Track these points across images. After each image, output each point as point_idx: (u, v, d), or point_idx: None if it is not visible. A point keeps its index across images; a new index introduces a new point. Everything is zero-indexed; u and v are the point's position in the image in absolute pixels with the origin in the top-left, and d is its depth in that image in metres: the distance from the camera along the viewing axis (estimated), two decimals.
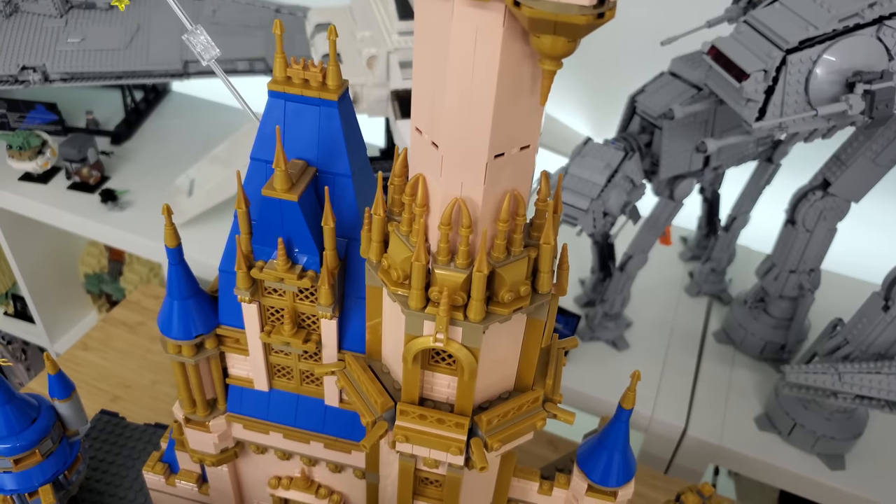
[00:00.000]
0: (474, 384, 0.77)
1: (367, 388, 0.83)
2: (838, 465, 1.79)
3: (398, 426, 0.81)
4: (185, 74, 2.29)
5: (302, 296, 0.87)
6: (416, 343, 0.75)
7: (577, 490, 0.98)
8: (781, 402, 1.83)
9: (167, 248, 0.86)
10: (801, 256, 1.85)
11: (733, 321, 2.06)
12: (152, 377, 1.82)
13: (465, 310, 0.72)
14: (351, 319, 0.90)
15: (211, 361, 0.96)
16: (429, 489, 0.94)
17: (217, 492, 1.14)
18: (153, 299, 2.01)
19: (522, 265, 0.72)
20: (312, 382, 0.97)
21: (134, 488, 1.28)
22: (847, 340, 1.73)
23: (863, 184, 1.72)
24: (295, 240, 0.82)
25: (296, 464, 1.07)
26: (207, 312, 0.92)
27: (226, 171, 2.22)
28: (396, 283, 0.74)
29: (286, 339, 0.89)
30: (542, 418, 0.84)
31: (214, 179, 2.23)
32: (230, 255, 0.90)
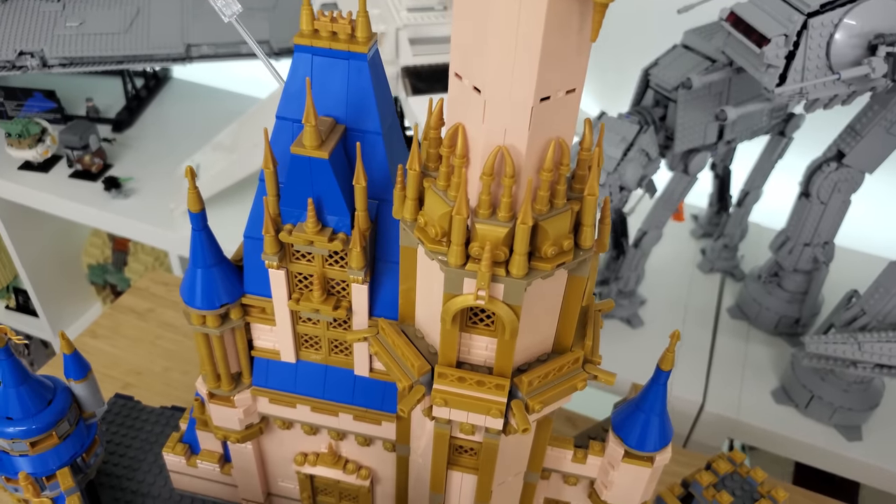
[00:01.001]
0: (514, 344, 0.75)
1: (402, 353, 0.81)
2: (855, 435, 1.78)
3: (436, 389, 0.78)
4: (188, 58, 2.25)
5: (332, 260, 0.85)
6: (455, 302, 0.73)
7: (613, 457, 0.96)
8: (798, 374, 1.82)
9: (190, 212, 0.84)
10: (815, 229, 1.84)
11: (747, 296, 2.04)
12: (164, 363, 1.79)
13: (507, 265, 0.70)
14: (382, 285, 0.87)
15: (236, 333, 0.94)
16: (463, 458, 0.92)
17: (241, 471, 1.11)
18: (162, 286, 1.99)
19: (566, 218, 0.70)
20: (341, 352, 0.94)
21: (153, 471, 1.26)
22: (864, 311, 1.71)
23: (877, 154, 1.70)
24: (325, 201, 0.80)
25: (323, 439, 1.05)
26: (233, 281, 0.89)
27: (231, 157, 2.19)
28: (434, 241, 0.71)
29: (315, 305, 0.86)
30: (583, 379, 0.81)
31: (220, 164, 2.20)
32: (256, 221, 0.87)
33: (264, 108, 2.21)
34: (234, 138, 2.22)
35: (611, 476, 0.98)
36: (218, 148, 2.23)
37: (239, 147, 2.19)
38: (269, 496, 1.18)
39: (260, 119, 2.21)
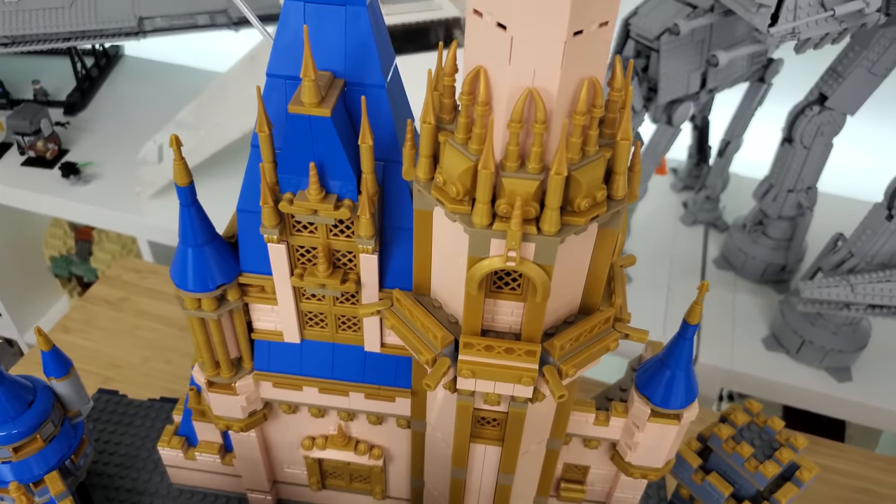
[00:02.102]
0: (545, 307, 0.70)
1: (422, 324, 0.75)
2: (845, 377, 1.80)
3: (462, 361, 0.73)
4: (141, 33, 2.13)
5: (337, 230, 0.78)
6: (481, 266, 0.67)
7: (639, 417, 0.92)
8: (788, 320, 1.82)
9: (177, 186, 0.77)
10: (798, 174, 1.83)
11: (732, 246, 2.03)
12: (143, 354, 1.71)
13: (538, 222, 0.64)
14: (392, 254, 0.81)
15: (234, 315, 0.87)
16: (486, 430, 0.88)
17: (244, 460, 1.05)
18: (134, 273, 1.89)
19: (599, 167, 0.65)
20: (349, 328, 0.89)
21: (147, 467, 1.19)
22: (852, 253, 1.71)
23: (859, 95, 1.69)
24: (328, 164, 0.73)
25: (331, 420, 1.00)
26: (227, 259, 0.83)
27: (196, 135, 2.09)
28: (456, 201, 0.66)
29: (321, 280, 0.80)
30: (615, 339, 0.77)
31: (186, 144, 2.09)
32: (249, 192, 0.80)
33: (226, 83, 2.11)
34: (197, 116, 2.11)
35: (636, 437, 0.94)
36: (180, 127, 2.12)
37: (203, 124, 2.09)
38: (275, 484, 1.12)
39: (223, 94, 2.11)
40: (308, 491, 1.12)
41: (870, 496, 1.55)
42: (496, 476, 0.93)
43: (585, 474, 1.08)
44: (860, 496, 1.53)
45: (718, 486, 1.08)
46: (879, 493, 1.55)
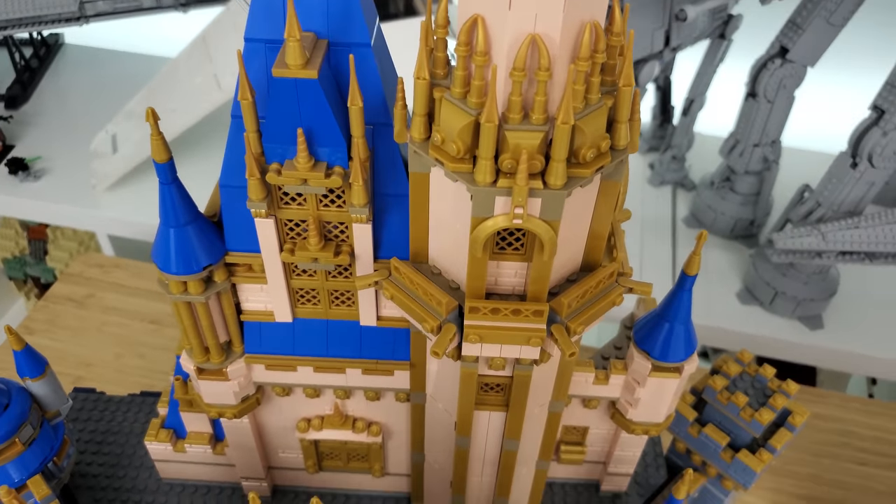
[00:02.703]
0: (551, 265, 0.69)
1: (423, 292, 0.73)
2: (817, 325, 1.84)
3: (469, 325, 0.71)
4: (83, 18, 2.03)
5: (327, 200, 0.75)
6: (486, 227, 0.65)
7: (639, 372, 0.92)
8: (761, 273, 1.85)
9: (156, 163, 0.72)
10: (763, 128, 1.85)
11: (701, 204, 2.05)
12: (114, 350, 1.65)
13: (543, 176, 0.62)
14: (384, 222, 0.78)
15: (222, 297, 0.83)
16: (489, 396, 0.86)
17: (238, 448, 1.02)
18: (97, 268, 1.82)
19: (602, 115, 0.63)
20: (343, 303, 0.86)
21: (134, 464, 1.15)
22: (819, 203, 1.74)
23: (818, 46, 1.71)
24: (316, 130, 0.70)
25: (326, 400, 0.97)
26: (212, 239, 0.79)
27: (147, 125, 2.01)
28: (456, 159, 0.63)
29: (313, 254, 0.77)
30: (620, 294, 0.76)
31: (139, 132, 2.02)
32: (232, 166, 0.76)
33: (178, 67, 2.03)
34: (149, 103, 2.03)
35: (637, 393, 0.94)
36: (132, 116, 2.04)
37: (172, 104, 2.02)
38: (270, 470, 1.09)
39: (175, 79, 2.03)
40: (304, 475, 1.10)
41: (850, 437, 1.59)
42: (500, 442, 0.91)
43: (585, 435, 1.08)
44: (842, 438, 1.57)
45: (715, 437, 1.08)
46: (859, 434, 1.59)
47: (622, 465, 1.09)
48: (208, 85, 1.96)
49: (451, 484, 0.99)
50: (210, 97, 1.94)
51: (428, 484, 1.06)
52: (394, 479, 1.10)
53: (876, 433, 1.60)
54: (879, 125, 1.58)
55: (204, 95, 1.96)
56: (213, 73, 1.98)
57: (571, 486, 1.15)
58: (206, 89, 1.95)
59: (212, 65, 1.99)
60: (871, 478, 1.52)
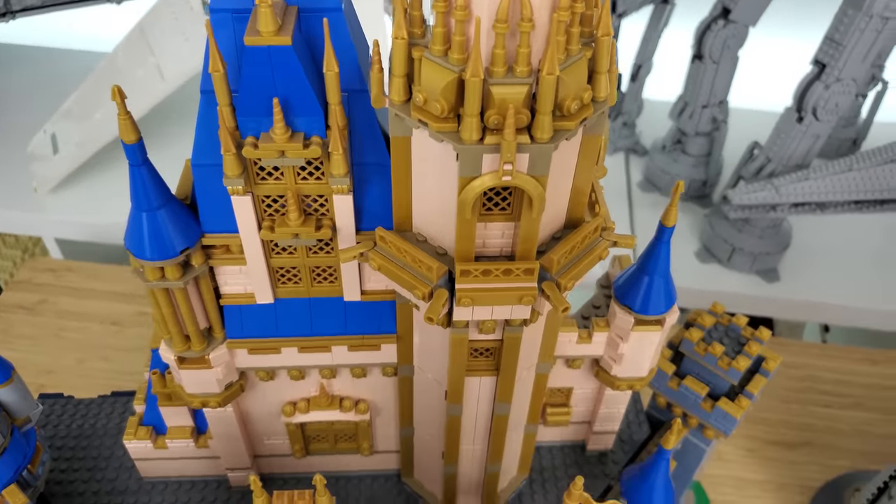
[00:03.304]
0: (539, 222, 0.69)
1: (412, 259, 0.72)
2: (774, 277, 1.89)
3: (460, 289, 0.71)
4: (8, 13, 1.94)
5: (305, 173, 0.74)
6: (474, 187, 0.65)
7: (622, 328, 0.93)
8: (717, 231, 1.89)
9: (125, 144, 0.69)
10: (710, 89, 1.89)
11: (654, 168, 2.08)
12: (75, 355, 1.60)
13: (530, 130, 0.62)
14: (364, 193, 0.77)
15: (200, 282, 0.81)
16: (479, 362, 0.86)
17: (222, 438, 1.00)
18: (48, 273, 1.75)
19: (583, 66, 0.63)
20: (325, 280, 0.84)
21: (111, 466, 1.11)
22: (769, 158, 1.79)
23: (759, 5, 1.75)
24: (291, 100, 0.68)
25: (311, 381, 0.95)
26: (187, 221, 0.76)
27: (91, 121, 1.94)
28: (440, 119, 0.62)
29: (294, 229, 0.75)
30: (605, 248, 0.77)
31: (79, 133, 1.94)
32: (204, 144, 0.74)
33: (116, 61, 1.96)
34: (88, 101, 1.96)
35: (620, 349, 0.95)
36: (70, 115, 1.96)
37: (98, 108, 1.95)
38: (255, 459, 1.07)
39: (114, 74, 1.96)
40: (291, 460, 1.08)
41: (813, 381, 1.65)
42: (491, 408, 0.92)
43: (569, 396, 1.09)
44: (806, 383, 1.63)
45: (695, 388, 1.11)
46: (821, 378, 1.66)
47: (607, 423, 1.11)
48: (151, 77, 1.90)
49: (443, 454, 0.99)
50: (154, 89, 1.88)
51: (418, 458, 1.06)
52: (382, 456, 1.09)
53: (836, 376, 1.67)
54: (821, 79, 1.63)
55: (147, 88, 1.90)
56: (155, 65, 1.92)
57: (558, 448, 1.17)
58: (150, 81, 1.89)
59: (153, 56, 1.93)
60: (835, 419, 1.58)
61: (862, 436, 1.55)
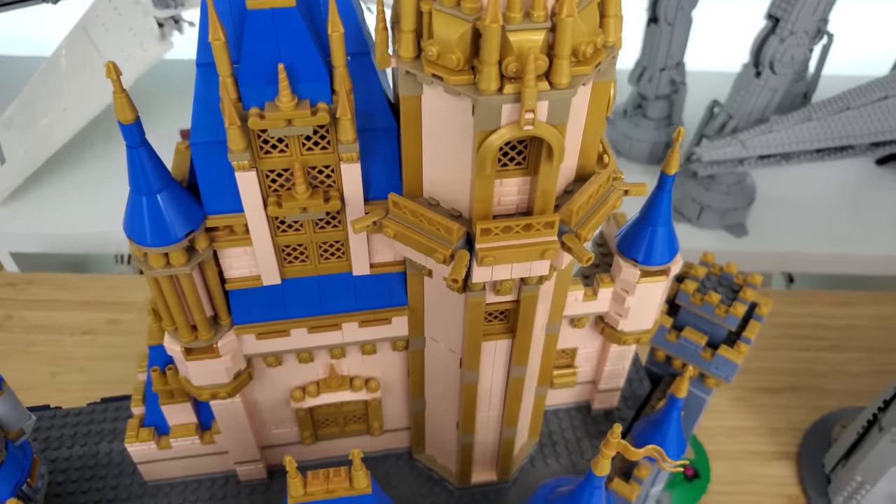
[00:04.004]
0: (558, 173, 0.68)
1: (430, 222, 0.71)
2: (742, 232, 1.94)
3: (482, 248, 0.70)
4: None
5: (310, 143, 0.71)
6: (494, 139, 0.63)
7: (628, 281, 0.94)
8: (686, 191, 1.92)
9: (121, 124, 0.66)
10: (667, 52, 1.91)
11: (617, 134, 2.11)
12: (49, 370, 1.53)
13: (548, 77, 0.61)
14: (368, 161, 0.75)
15: (205, 266, 0.78)
16: (493, 326, 0.85)
17: (231, 430, 0.97)
18: (9, 288, 1.67)
19: (594, 9, 0.62)
20: (333, 255, 0.82)
21: (111, 474, 1.07)
22: (730, 115, 1.83)
23: None
24: (296, 65, 0.65)
25: (319, 364, 0.93)
26: (189, 203, 0.73)
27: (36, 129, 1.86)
28: (456, 72, 0.61)
29: (302, 203, 0.73)
30: (618, 198, 0.77)
31: (26, 142, 1.86)
32: (202, 121, 0.71)
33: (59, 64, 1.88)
34: (31, 107, 1.87)
35: (626, 303, 0.96)
36: (11, 125, 1.88)
37: (45, 115, 1.87)
38: (263, 450, 1.05)
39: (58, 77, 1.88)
40: (300, 448, 1.06)
41: (789, 328, 1.69)
42: (506, 372, 0.91)
43: (574, 357, 1.09)
44: (783, 330, 1.67)
45: (694, 338, 1.12)
46: (796, 324, 1.70)
47: (612, 381, 1.11)
48: (101, 76, 1.82)
49: (458, 424, 0.98)
50: (105, 88, 1.80)
51: (430, 432, 1.05)
52: (392, 435, 1.08)
53: (811, 320, 1.72)
54: (776, 33, 1.66)
55: (98, 88, 1.83)
56: (103, 63, 1.84)
57: (564, 411, 1.17)
58: (100, 81, 1.82)
59: (100, 55, 1.86)
60: (815, 361, 1.63)
61: (841, 376, 1.60)
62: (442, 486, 1.08)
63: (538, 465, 1.11)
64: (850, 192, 2.05)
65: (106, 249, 2.02)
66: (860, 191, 2.04)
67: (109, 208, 1.84)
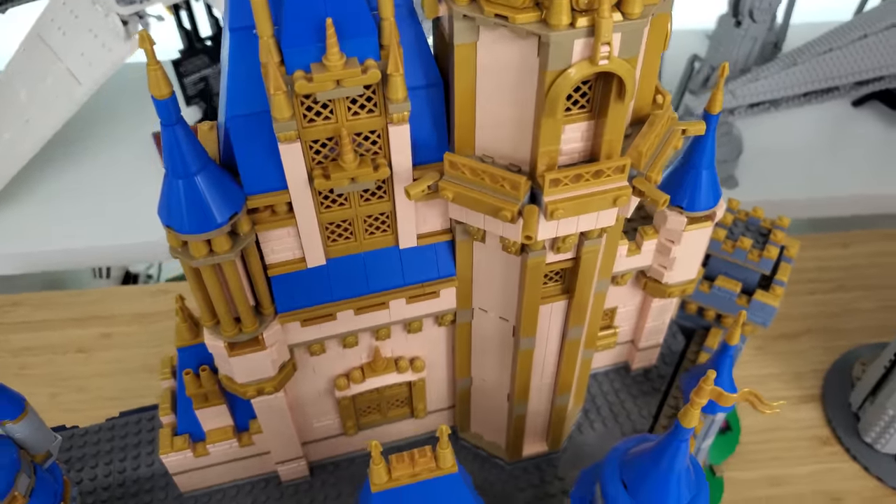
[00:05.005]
0: (627, 112, 0.64)
1: (493, 178, 0.66)
2: (733, 184, 1.94)
3: (550, 201, 0.66)
4: None
5: (356, 107, 0.66)
6: (567, 78, 0.59)
7: (674, 230, 0.91)
8: None
9: (156, 100, 0.60)
10: None
11: None
12: (47, 391, 1.45)
13: (620, 6, 0.57)
14: (415, 123, 0.70)
15: (247, 252, 0.72)
16: (548, 288, 0.82)
17: (272, 428, 0.91)
18: None
19: None
20: (378, 230, 0.77)
21: (143, 489, 1.01)
22: (713, 67, 1.82)
23: None
24: (342, 20, 0.60)
25: (364, 347, 0.88)
26: (228, 184, 0.67)
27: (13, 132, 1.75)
28: (522, 9, 0.57)
29: (350, 173, 0.68)
30: (679, 138, 0.73)
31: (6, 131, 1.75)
32: (238, 92, 0.65)
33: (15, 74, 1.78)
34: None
35: (672, 253, 0.93)
36: None
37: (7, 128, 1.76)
38: (304, 446, 1.00)
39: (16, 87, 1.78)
40: (343, 441, 1.01)
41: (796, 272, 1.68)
42: (560, 335, 0.88)
43: (613, 317, 1.07)
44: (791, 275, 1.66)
45: (728, 286, 1.10)
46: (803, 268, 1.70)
47: (653, 337, 1.09)
48: (64, 83, 1.73)
49: (509, 396, 0.94)
50: (71, 95, 1.72)
51: (476, 409, 1.01)
52: (434, 416, 1.04)
53: (814, 263, 1.73)
54: None
55: (62, 96, 1.73)
56: (65, 69, 1.75)
57: (603, 374, 1.14)
58: (64, 88, 1.72)
59: (61, 61, 1.76)
60: (824, 303, 1.64)
61: (852, 314, 1.61)
62: (491, 462, 1.04)
63: (585, 432, 1.08)
64: (832, 135, 2.06)
65: (83, 264, 1.93)
66: (841, 134, 2.06)
67: (82, 222, 1.76)
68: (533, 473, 1.03)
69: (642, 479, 0.74)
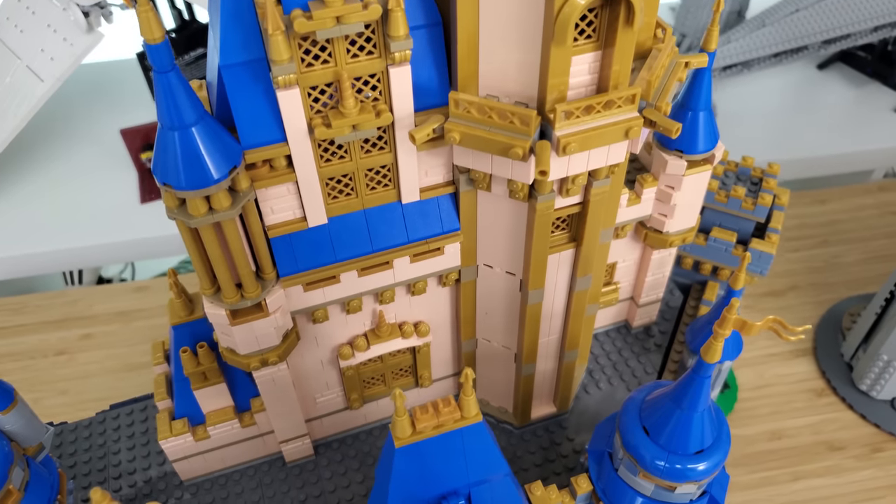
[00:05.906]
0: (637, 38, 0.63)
1: (502, 115, 0.64)
2: None
3: (563, 134, 0.64)
4: None
5: (355, 48, 0.64)
6: (575, 4, 0.58)
7: (674, 175, 0.90)
8: None
9: (148, 45, 0.56)
10: None
11: None
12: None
13: None
14: (414, 66, 0.68)
15: (247, 211, 0.69)
16: (555, 237, 0.80)
17: (276, 404, 0.88)
18: None
19: None
20: (379, 185, 0.75)
21: (139, 480, 0.96)
22: (684, 35, 1.83)
23: None
24: None
25: (367, 312, 0.86)
26: (225, 137, 0.64)
27: None
28: None
29: (352, 120, 0.65)
30: (683, 70, 0.72)
31: None
32: (232, 38, 0.62)
33: None
34: None
35: (673, 199, 0.92)
36: None
37: None
38: (308, 423, 0.96)
39: None
40: (347, 415, 0.98)
41: None
42: (567, 287, 0.86)
43: (613, 273, 1.05)
44: None
45: (723, 237, 1.10)
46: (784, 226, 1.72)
47: (653, 292, 1.08)
48: (25, 81, 1.67)
49: (516, 357, 0.93)
50: (33, 93, 1.65)
51: (482, 374, 0.99)
52: (438, 385, 1.01)
53: (794, 221, 1.74)
54: None
55: (24, 94, 1.67)
56: (24, 67, 1.68)
57: (603, 333, 1.13)
58: (25, 86, 1.66)
59: (19, 59, 1.69)
60: (807, 259, 1.65)
61: (836, 268, 1.63)
62: (500, 428, 1.02)
63: (592, 392, 1.07)
64: (801, 98, 2.09)
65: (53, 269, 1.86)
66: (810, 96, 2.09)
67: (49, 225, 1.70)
68: (542, 436, 1.02)
69: (665, 422, 0.73)
